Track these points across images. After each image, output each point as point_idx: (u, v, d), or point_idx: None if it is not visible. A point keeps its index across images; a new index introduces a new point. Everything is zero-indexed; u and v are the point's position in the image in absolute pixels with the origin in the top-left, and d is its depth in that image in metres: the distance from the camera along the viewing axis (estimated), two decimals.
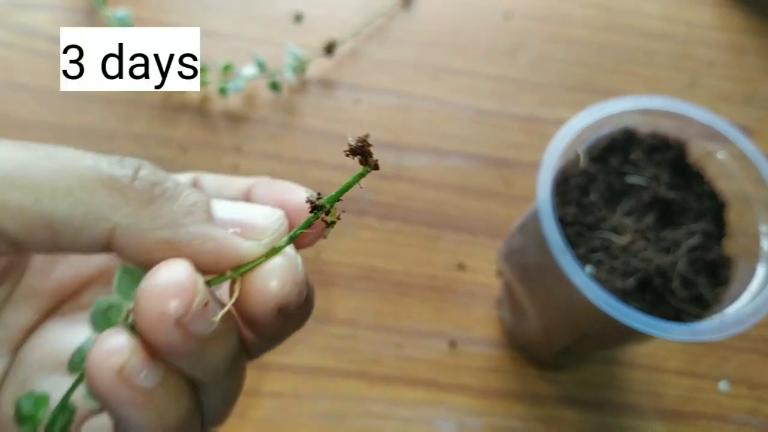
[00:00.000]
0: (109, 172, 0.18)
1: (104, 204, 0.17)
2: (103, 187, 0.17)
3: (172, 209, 0.18)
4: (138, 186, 0.18)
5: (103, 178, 0.18)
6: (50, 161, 0.17)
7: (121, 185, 0.18)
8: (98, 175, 0.18)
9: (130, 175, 0.18)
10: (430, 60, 0.63)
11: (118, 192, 0.18)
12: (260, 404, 0.48)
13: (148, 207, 0.18)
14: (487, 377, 0.51)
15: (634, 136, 0.40)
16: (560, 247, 0.34)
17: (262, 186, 0.24)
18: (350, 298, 0.53)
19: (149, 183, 0.18)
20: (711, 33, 0.68)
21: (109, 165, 0.18)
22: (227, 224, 0.19)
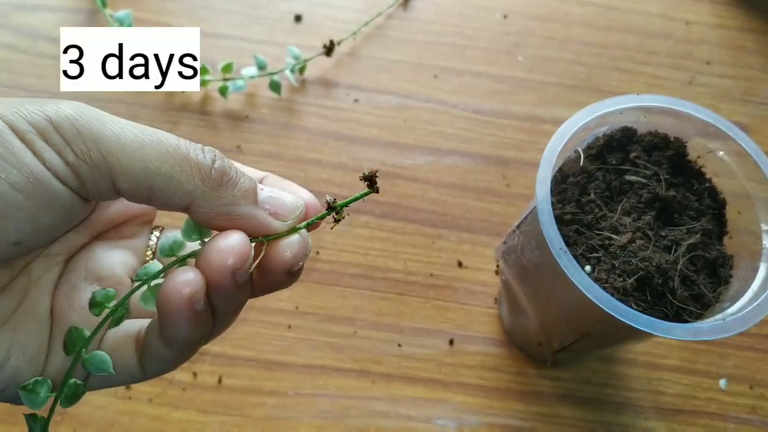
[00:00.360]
0: (195, 159, 0.24)
1: (190, 183, 0.24)
2: (191, 171, 0.24)
3: (233, 193, 0.25)
4: (214, 174, 0.24)
5: (192, 163, 0.24)
6: (159, 146, 0.23)
7: (203, 171, 0.24)
8: (189, 161, 0.24)
9: (209, 165, 0.24)
10: (430, 60, 0.63)
11: (199, 175, 0.24)
12: (261, 403, 0.48)
13: (218, 190, 0.24)
14: (487, 375, 0.50)
15: (634, 134, 0.39)
16: (560, 246, 0.33)
17: (274, 180, 0.29)
18: (350, 296, 0.52)
19: (220, 172, 0.24)
20: (710, 31, 0.67)
21: (196, 153, 0.24)
22: (266, 204, 0.26)
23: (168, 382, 0.48)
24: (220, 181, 0.24)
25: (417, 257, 0.54)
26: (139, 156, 0.23)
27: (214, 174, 0.24)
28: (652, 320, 0.32)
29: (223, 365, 0.49)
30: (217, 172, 0.24)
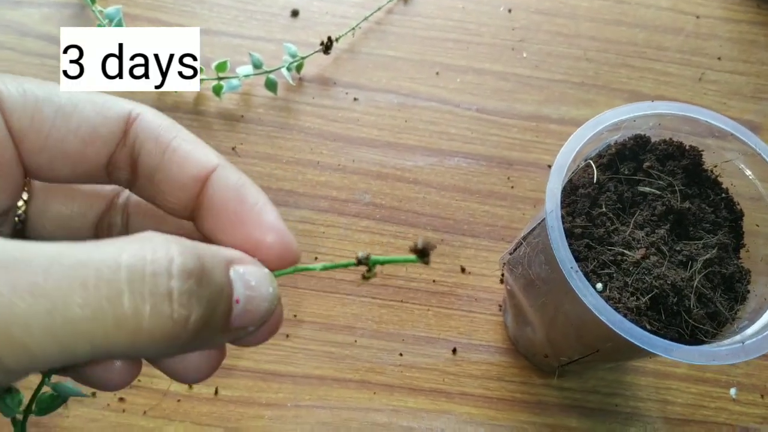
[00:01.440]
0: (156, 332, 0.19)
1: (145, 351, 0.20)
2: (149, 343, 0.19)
3: (208, 338, 0.21)
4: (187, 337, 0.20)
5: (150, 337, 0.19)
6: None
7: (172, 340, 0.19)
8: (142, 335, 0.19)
9: (183, 332, 0.19)
10: (431, 56, 0.60)
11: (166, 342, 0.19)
12: (260, 415, 0.46)
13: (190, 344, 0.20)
14: (491, 385, 0.49)
15: (647, 142, 0.37)
16: (571, 265, 0.32)
17: (227, 200, 0.25)
18: (350, 304, 0.50)
19: (196, 328, 0.20)
20: (720, 26, 0.64)
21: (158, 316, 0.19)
22: (236, 321, 0.22)
23: (163, 393, 0.47)
24: (196, 336, 0.20)
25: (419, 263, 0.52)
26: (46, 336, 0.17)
27: (187, 337, 0.20)
28: (667, 343, 0.31)
29: (219, 376, 0.47)
30: (191, 332, 0.20)
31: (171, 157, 0.24)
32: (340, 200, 0.53)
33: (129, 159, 0.25)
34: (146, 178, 0.25)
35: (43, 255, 0.18)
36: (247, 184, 0.25)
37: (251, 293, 0.22)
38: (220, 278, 0.21)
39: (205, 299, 0.20)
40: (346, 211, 0.53)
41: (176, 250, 0.19)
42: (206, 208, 0.25)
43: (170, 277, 0.19)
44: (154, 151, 0.24)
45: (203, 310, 0.20)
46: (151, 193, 0.26)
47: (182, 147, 0.25)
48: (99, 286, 0.18)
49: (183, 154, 0.24)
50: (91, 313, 0.17)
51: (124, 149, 0.25)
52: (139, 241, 0.19)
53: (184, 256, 0.19)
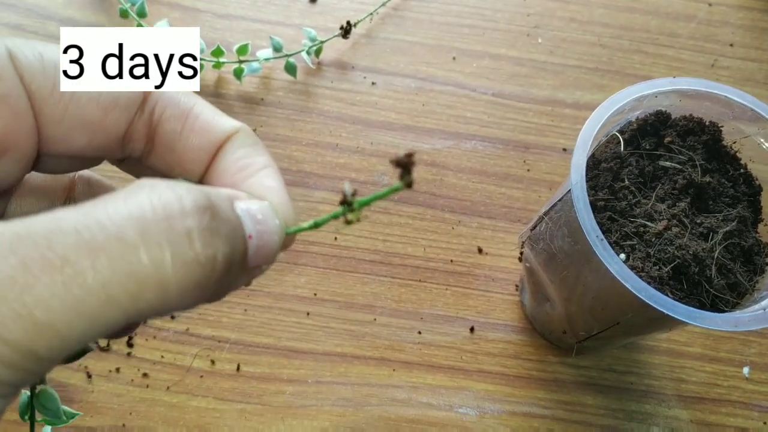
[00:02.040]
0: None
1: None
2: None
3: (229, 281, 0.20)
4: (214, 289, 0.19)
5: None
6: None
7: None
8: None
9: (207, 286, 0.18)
10: (448, 42, 0.61)
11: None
12: (281, 390, 0.47)
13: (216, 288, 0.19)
14: (508, 363, 0.50)
15: (668, 118, 0.38)
16: (596, 234, 0.32)
17: (241, 158, 0.24)
18: (369, 283, 0.51)
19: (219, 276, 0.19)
20: (733, 13, 0.65)
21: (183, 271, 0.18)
22: (252, 259, 0.21)
23: (186, 369, 0.47)
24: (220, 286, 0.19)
25: (436, 243, 0.53)
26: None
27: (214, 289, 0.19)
28: (690, 310, 0.32)
29: (241, 353, 0.48)
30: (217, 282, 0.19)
31: (194, 124, 0.24)
32: (359, 182, 0.54)
33: (146, 128, 0.24)
34: (166, 146, 0.24)
35: (42, 226, 0.16)
36: (260, 150, 0.24)
37: (261, 227, 0.21)
38: (231, 213, 0.20)
39: (224, 235, 0.19)
40: (365, 192, 0.54)
41: (182, 189, 0.18)
42: (218, 169, 0.24)
43: (185, 215, 0.17)
44: (176, 118, 0.24)
45: (226, 248, 0.18)
46: (168, 162, 0.25)
47: (204, 113, 0.24)
48: (108, 246, 0.16)
49: (206, 121, 0.24)
50: (109, 277, 0.16)
51: (142, 117, 0.24)
52: (139, 189, 0.18)
53: (193, 193, 0.18)
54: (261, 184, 0.23)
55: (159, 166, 0.25)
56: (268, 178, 0.23)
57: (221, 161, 0.24)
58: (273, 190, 0.23)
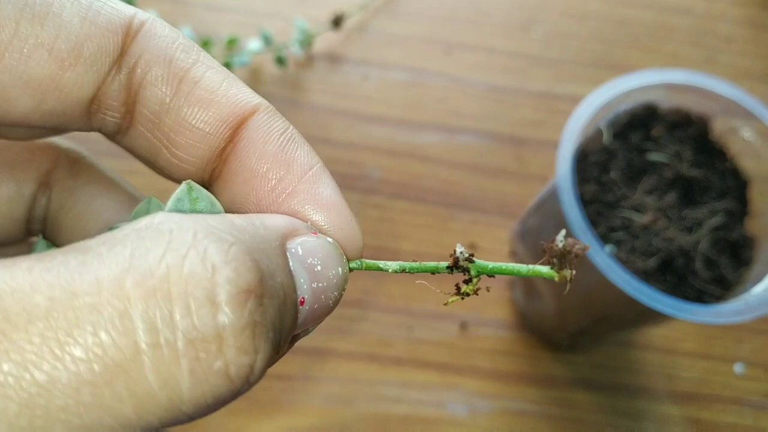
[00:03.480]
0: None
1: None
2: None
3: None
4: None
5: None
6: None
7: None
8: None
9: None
10: (442, 35, 0.63)
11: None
12: (269, 386, 0.49)
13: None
14: (499, 360, 0.51)
15: (656, 111, 0.40)
16: (580, 226, 0.34)
17: (267, 158, 0.18)
18: (360, 279, 0.53)
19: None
20: (729, 8, 0.67)
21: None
22: (306, 309, 0.17)
23: None
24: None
25: (429, 239, 0.54)
26: None
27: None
28: (673, 302, 0.33)
29: None
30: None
31: (191, 92, 0.18)
32: (351, 176, 0.56)
33: (125, 92, 0.18)
34: (149, 121, 0.18)
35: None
36: (296, 140, 0.18)
37: (318, 284, 0.16)
38: (281, 277, 0.15)
39: (270, 325, 0.14)
40: (357, 186, 0.56)
41: (217, 252, 0.13)
42: (235, 168, 0.18)
43: (216, 305, 0.13)
44: (165, 81, 0.18)
45: (271, 347, 0.14)
46: (152, 145, 0.19)
47: (208, 77, 0.18)
48: (92, 345, 0.11)
49: (209, 88, 0.18)
50: (90, 396, 0.11)
51: (118, 77, 0.18)
52: (151, 241, 0.13)
53: (234, 261, 0.13)
54: (312, 196, 0.18)
55: (140, 150, 0.19)
56: (319, 184, 0.18)
57: (239, 155, 0.18)
58: (331, 205, 0.18)
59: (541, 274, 0.15)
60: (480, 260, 0.17)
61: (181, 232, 0.13)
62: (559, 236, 0.16)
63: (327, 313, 0.17)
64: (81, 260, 0.12)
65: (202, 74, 0.18)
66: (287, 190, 0.18)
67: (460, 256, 0.17)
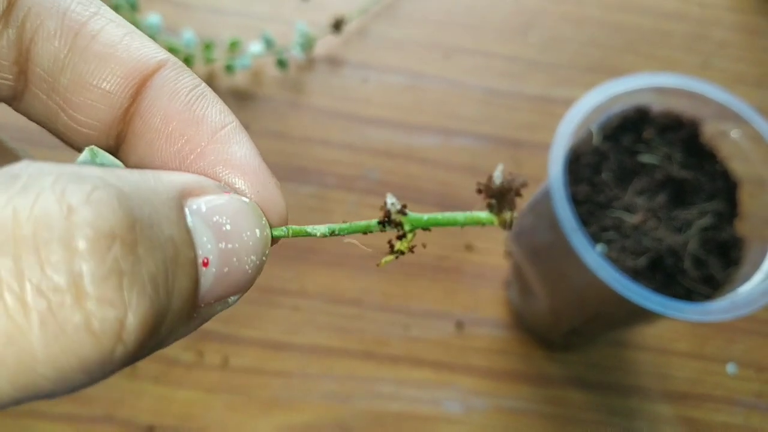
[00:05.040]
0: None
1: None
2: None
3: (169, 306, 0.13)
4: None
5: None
6: None
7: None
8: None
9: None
10: (441, 39, 0.64)
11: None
12: (267, 383, 0.50)
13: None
14: (494, 358, 0.52)
15: (647, 114, 0.41)
16: (571, 225, 0.35)
17: (175, 116, 0.17)
18: (357, 278, 0.54)
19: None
20: (724, 14, 0.68)
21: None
22: (211, 285, 0.15)
23: (174, 361, 0.50)
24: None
25: (425, 239, 0.55)
26: None
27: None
28: (662, 300, 0.34)
29: (229, 345, 0.51)
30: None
31: (88, 46, 0.16)
32: (349, 177, 0.57)
33: (15, 50, 0.17)
34: (43, 81, 0.17)
35: None
36: (207, 96, 0.17)
37: (227, 245, 0.15)
38: (171, 230, 0.13)
39: (148, 278, 0.12)
40: (355, 187, 0.56)
41: (77, 192, 0.11)
42: (139, 130, 0.17)
43: (72, 250, 0.11)
44: (59, 35, 0.16)
45: (149, 302, 0.12)
46: (49, 108, 0.17)
47: (107, 31, 0.16)
48: None
49: (108, 42, 0.16)
50: None
51: (6, 32, 0.16)
52: (2, 184, 0.11)
53: (96, 202, 0.12)
54: (223, 157, 0.16)
55: (37, 115, 0.18)
56: (233, 143, 0.17)
57: (143, 115, 0.17)
58: (246, 166, 0.16)
59: (480, 219, 0.14)
60: (414, 213, 0.15)
61: (40, 175, 0.11)
62: (496, 172, 0.14)
63: (245, 281, 0.15)
64: None
65: (101, 27, 0.16)
66: (196, 150, 0.16)
67: (392, 208, 0.15)
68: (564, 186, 0.36)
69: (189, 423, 0.48)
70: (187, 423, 0.48)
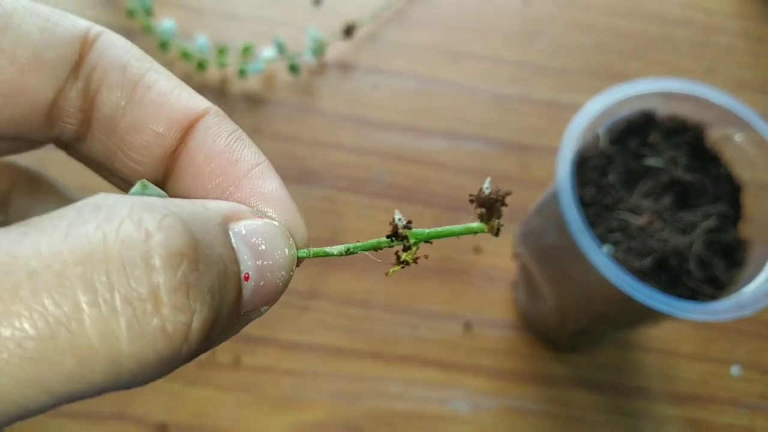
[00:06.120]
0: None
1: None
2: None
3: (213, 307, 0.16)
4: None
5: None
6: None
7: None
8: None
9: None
10: (450, 44, 0.65)
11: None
12: (278, 382, 0.51)
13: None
14: (502, 359, 0.53)
15: (653, 118, 0.42)
16: (579, 226, 0.36)
17: (215, 156, 0.19)
18: (366, 279, 0.55)
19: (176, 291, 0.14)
20: (730, 21, 0.69)
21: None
22: (250, 288, 0.18)
23: None
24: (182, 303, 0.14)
25: (435, 241, 0.56)
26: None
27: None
28: (667, 299, 0.35)
29: (241, 344, 0.52)
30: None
31: (144, 96, 0.19)
32: (360, 180, 0.58)
33: (82, 99, 0.19)
34: (106, 126, 0.19)
35: None
36: (244, 140, 0.20)
37: (263, 262, 0.17)
38: (221, 250, 0.16)
39: (206, 290, 0.15)
40: (365, 190, 0.58)
41: (150, 220, 0.14)
42: (185, 166, 0.20)
43: (150, 267, 0.14)
44: (120, 86, 0.19)
45: (207, 311, 0.15)
46: (108, 149, 0.20)
47: (160, 83, 0.19)
48: (34, 304, 0.13)
49: (161, 92, 0.19)
50: (33, 351, 0.13)
51: (76, 84, 0.19)
52: (91, 212, 0.14)
53: (166, 228, 0.14)
54: (256, 190, 0.19)
55: (97, 155, 0.20)
56: (264, 179, 0.19)
57: (194, 152, 0.19)
58: (275, 198, 0.19)
59: (473, 229, 0.17)
60: (417, 228, 0.18)
61: (117, 206, 0.14)
62: (486, 184, 0.17)
63: (276, 293, 0.18)
64: (22, 231, 0.13)
65: (155, 80, 0.19)
66: (234, 184, 0.19)
67: (399, 224, 0.18)
68: (571, 188, 0.37)
69: (201, 421, 0.49)
70: (199, 421, 0.49)
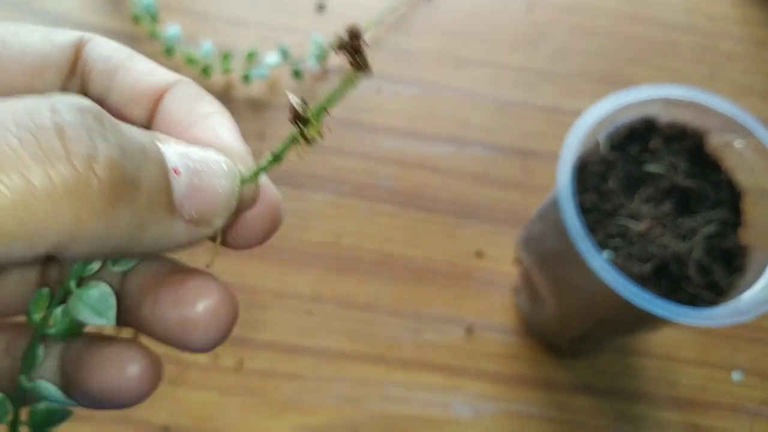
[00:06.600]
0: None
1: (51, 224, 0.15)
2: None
3: (136, 212, 0.17)
4: (100, 188, 0.16)
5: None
6: None
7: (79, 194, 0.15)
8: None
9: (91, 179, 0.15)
10: (453, 50, 0.66)
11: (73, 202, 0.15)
12: (281, 386, 0.51)
13: (109, 213, 0.16)
14: (504, 363, 0.53)
15: (654, 125, 0.42)
16: (579, 232, 0.36)
17: (178, 111, 0.22)
18: (369, 283, 0.55)
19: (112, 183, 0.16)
20: (732, 26, 0.69)
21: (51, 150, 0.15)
22: (185, 204, 0.19)
23: (189, 363, 0.51)
24: (113, 197, 0.16)
25: (437, 246, 0.57)
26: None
27: (100, 189, 0.16)
28: (666, 304, 0.35)
29: (244, 348, 0.52)
30: (105, 184, 0.16)
31: (125, 76, 0.22)
32: (363, 185, 0.58)
33: (79, 90, 0.23)
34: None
35: None
36: (206, 97, 0.23)
37: (196, 166, 0.19)
38: (132, 131, 0.17)
39: (113, 141, 0.16)
40: (368, 195, 0.58)
41: (66, 99, 0.16)
42: (157, 122, 0.22)
43: (54, 111, 0.16)
44: (105, 72, 0.23)
45: (114, 152, 0.16)
46: None
47: (138, 66, 0.23)
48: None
49: (139, 72, 0.23)
50: None
51: (74, 80, 0.23)
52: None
53: (75, 99, 0.17)
54: (208, 134, 0.21)
55: None
56: (217, 126, 0.22)
57: (158, 116, 0.22)
58: (224, 138, 0.21)
59: (351, 81, 0.17)
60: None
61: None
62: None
63: (218, 201, 0.19)
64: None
65: (133, 65, 0.23)
66: (191, 132, 0.21)
67: (297, 107, 0.18)
68: (572, 194, 0.37)
69: (204, 424, 0.50)
70: (202, 424, 0.50)
